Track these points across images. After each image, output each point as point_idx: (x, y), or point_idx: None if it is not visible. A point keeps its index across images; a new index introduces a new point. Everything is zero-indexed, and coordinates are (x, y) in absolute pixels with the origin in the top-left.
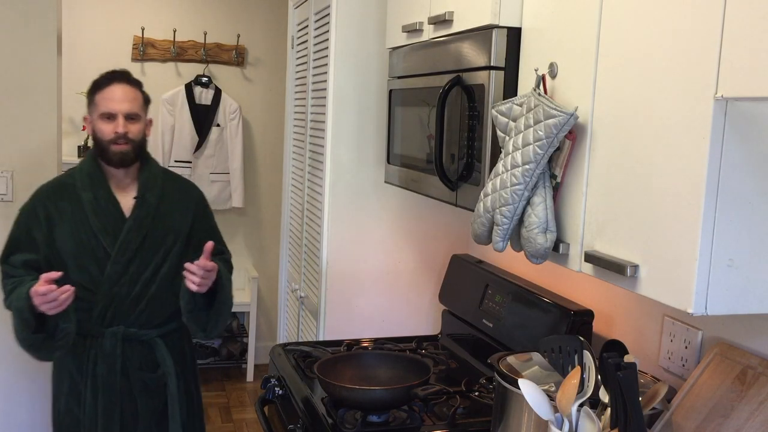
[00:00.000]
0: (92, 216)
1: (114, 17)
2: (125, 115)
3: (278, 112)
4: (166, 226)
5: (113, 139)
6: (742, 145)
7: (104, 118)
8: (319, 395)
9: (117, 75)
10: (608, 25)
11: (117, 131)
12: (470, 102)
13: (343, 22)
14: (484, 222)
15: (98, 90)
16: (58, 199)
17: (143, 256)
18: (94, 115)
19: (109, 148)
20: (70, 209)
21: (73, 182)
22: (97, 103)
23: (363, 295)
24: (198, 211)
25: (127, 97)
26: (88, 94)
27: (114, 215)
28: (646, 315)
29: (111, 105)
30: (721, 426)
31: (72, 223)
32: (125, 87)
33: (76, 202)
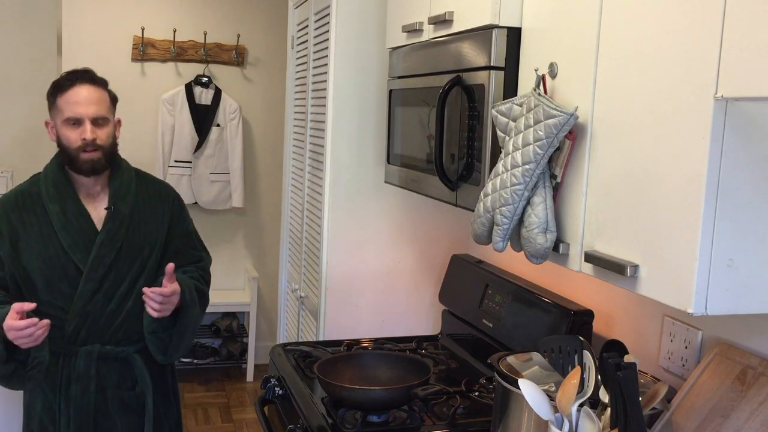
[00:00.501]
0: (61, 231)
1: (114, 17)
2: (92, 119)
3: (278, 112)
4: (141, 237)
5: (81, 147)
6: (742, 145)
7: (69, 123)
8: (319, 395)
9: (80, 75)
10: (608, 25)
11: (84, 138)
12: (470, 102)
13: (343, 22)
14: (484, 222)
15: (60, 92)
16: (23, 211)
17: (118, 270)
18: (58, 120)
19: (77, 157)
20: (36, 222)
21: (38, 191)
22: (60, 108)
23: (363, 295)
24: (174, 215)
25: (93, 99)
26: (49, 97)
27: (84, 229)
28: (646, 315)
29: (76, 109)
30: (721, 426)
31: (39, 237)
32: (90, 88)
33: (42, 214)
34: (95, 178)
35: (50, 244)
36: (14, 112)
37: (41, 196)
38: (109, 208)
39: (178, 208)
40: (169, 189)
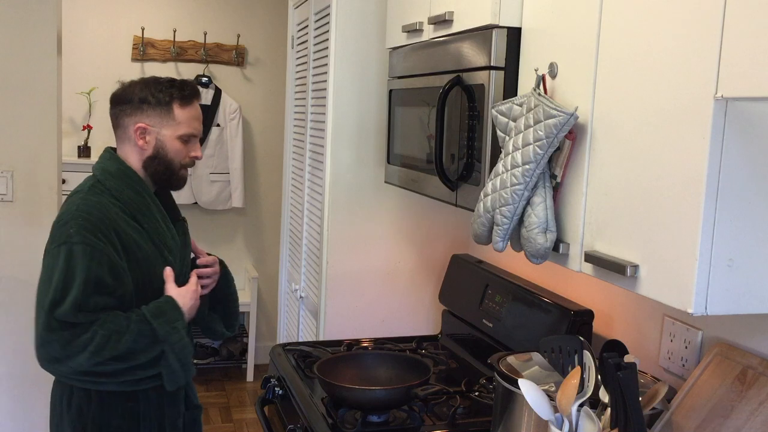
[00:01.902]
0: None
1: (114, 17)
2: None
3: (278, 112)
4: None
5: (188, 164)
6: (742, 145)
7: (183, 138)
8: (319, 395)
9: (198, 91)
10: (608, 25)
11: (197, 156)
12: (470, 102)
13: (343, 22)
14: (484, 222)
15: (183, 103)
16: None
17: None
18: (169, 131)
19: (177, 173)
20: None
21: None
22: (179, 119)
23: (363, 295)
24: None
25: (201, 118)
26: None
27: (176, 242)
28: (646, 315)
29: (197, 126)
30: (721, 426)
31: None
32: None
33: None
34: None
35: (156, 261)
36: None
37: (128, 209)
38: (184, 219)
39: None
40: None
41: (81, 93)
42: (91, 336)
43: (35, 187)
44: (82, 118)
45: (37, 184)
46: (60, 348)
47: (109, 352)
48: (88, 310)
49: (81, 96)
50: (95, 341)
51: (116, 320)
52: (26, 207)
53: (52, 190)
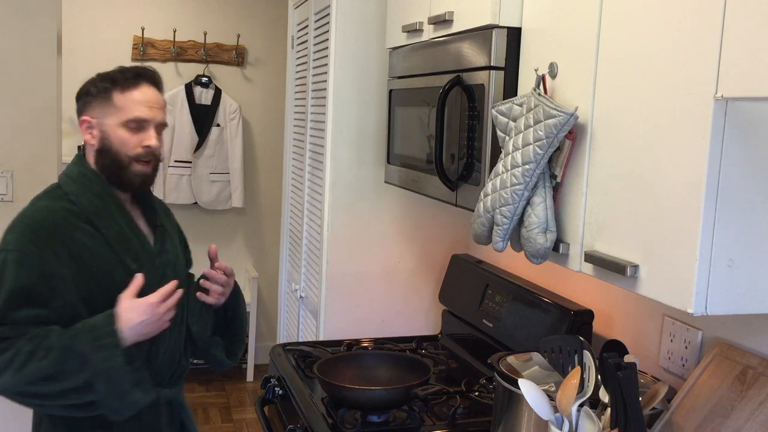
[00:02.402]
0: (124, 253)
1: (114, 17)
2: (157, 125)
3: (278, 112)
4: (179, 258)
5: (140, 155)
6: (742, 145)
7: (130, 126)
8: (319, 395)
9: (147, 74)
10: (608, 25)
11: (149, 144)
12: (470, 102)
13: (343, 22)
14: (484, 222)
15: (121, 88)
16: (73, 230)
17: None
18: (111, 120)
19: (128, 167)
20: (91, 243)
21: (73, 207)
22: (119, 105)
23: (363, 295)
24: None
25: (160, 104)
26: (98, 90)
27: (145, 249)
28: (646, 315)
29: (144, 110)
30: (721, 426)
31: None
32: (156, 91)
33: (94, 233)
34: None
35: (114, 268)
36: (14, 111)
37: (85, 213)
38: (162, 225)
39: (176, 221)
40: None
41: None
42: (15, 352)
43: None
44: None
45: (37, 184)
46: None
47: (33, 372)
48: (15, 323)
49: None
50: (19, 358)
51: (46, 336)
52: None
53: None
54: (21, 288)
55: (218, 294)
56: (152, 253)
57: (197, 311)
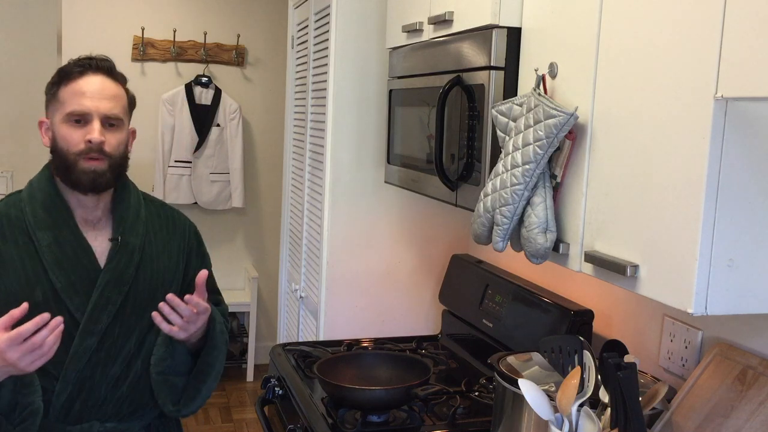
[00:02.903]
0: (53, 267)
1: (114, 17)
2: (102, 117)
3: (278, 112)
4: (153, 278)
5: (83, 151)
6: (742, 145)
7: (71, 120)
8: (319, 395)
9: (95, 62)
10: (608, 26)
11: (90, 139)
12: (470, 102)
13: (343, 22)
14: (484, 222)
15: (66, 81)
16: (2, 241)
17: (124, 321)
18: (56, 116)
19: (75, 165)
20: (18, 256)
21: (19, 214)
22: (62, 99)
23: (363, 295)
24: (191, 252)
25: (107, 93)
26: (49, 88)
27: (85, 266)
28: (646, 315)
29: (83, 102)
30: (721, 426)
31: (20, 276)
32: (105, 80)
33: (26, 245)
34: (96, 199)
35: (37, 284)
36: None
37: (24, 221)
38: (116, 239)
39: (196, 243)
40: (183, 219)
41: None
42: None
43: None
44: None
45: None
46: None
47: None
48: None
49: None
50: None
51: None
52: None
53: None
54: None
55: (177, 326)
56: (93, 270)
57: (161, 340)
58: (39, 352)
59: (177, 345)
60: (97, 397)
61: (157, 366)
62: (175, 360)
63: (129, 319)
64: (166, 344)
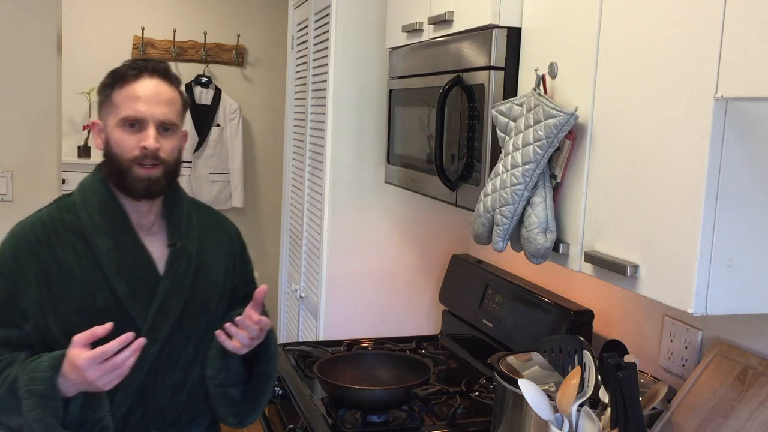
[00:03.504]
0: (114, 274)
1: (114, 17)
2: (158, 123)
3: (278, 112)
4: (208, 285)
5: (138, 158)
6: (742, 145)
7: (125, 125)
8: (319, 395)
9: (150, 65)
10: (608, 26)
11: (145, 146)
12: (470, 102)
13: (343, 22)
14: (484, 222)
15: (120, 84)
16: (56, 246)
17: (184, 327)
18: (110, 120)
19: (129, 171)
20: (77, 262)
21: (74, 220)
22: (116, 103)
23: (363, 295)
24: (237, 256)
25: (163, 98)
26: (102, 89)
27: (146, 272)
28: (646, 315)
29: (138, 107)
30: (721, 426)
31: (81, 283)
32: (161, 83)
33: (85, 251)
34: (149, 204)
35: (98, 291)
36: (14, 111)
37: (81, 227)
38: (174, 245)
39: (240, 248)
40: (229, 223)
41: (81, 93)
42: None
43: (35, 187)
44: (82, 118)
45: (37, 184)
46: None
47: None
48: None
49: (81, 96)
50: None
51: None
52: (26, 207)
53: (52, 190)
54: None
55: (242, 344)
56: (153, 277)
57: (216, 352)
58: (118, 371)
59: (231, 357)
60: (156, 405)
61: (214, 379)
62: (230, 371)
63: (186, 326)
64: (221, 356)
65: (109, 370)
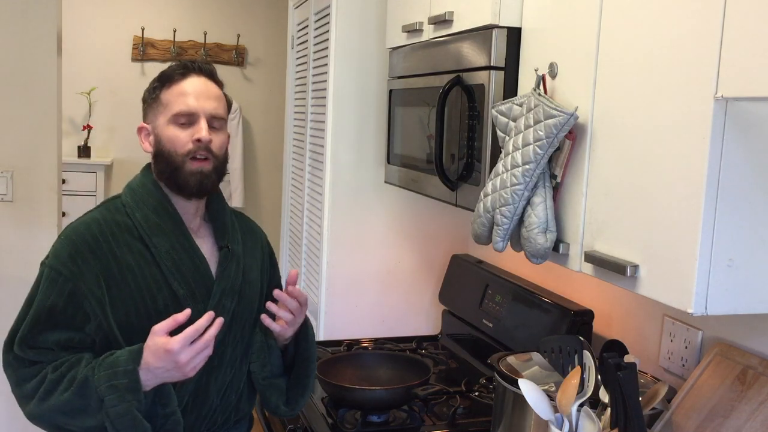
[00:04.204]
0: (174, 274)
1: (114, 17)
2: (209, 116)
3: (278, 112)
4: (252, 287)
5: (191, 151)
6: (742, 145)
7: (178, 121)
8: (319, 395)
9: (197, 66)
10: (608, 25)
11: (199, 138)
12: (470, 102)
13: (343, 22)
14: (484, 222)
15: (168, 83)
16: (116, 247)
17: (233, 330)
18: (160, 119)
19: (183, 166)
20: (135, 263)
21: (129, 221)
22: (165, 102)
23: (363, 295)
24: (268, 260)
25: (211, 94)
26: (149, 93)
27: (201, 273)
28: (646, 315)
29: (188, 102)
30: (721, 426)
31: (141, 283)
32: (207, 81)
33: (141, 252)
34: (196, 205)
35: (158, 292)
36: (14, 111)
37: (136, 228)
38: (226, 247)
39: (269, 252)
40: (259, 228)
41: (81, 93)
42: (41, 379)
43: (35, 187)
44: (82, 118)
45: (37, 184)
46: (14, 389)
47: (56, 403)
48: (43, 347)
49: (81, 96)
50: (44, 386)
51: (74, 364)
52: (26, 207)
53: (52, 190)
54: (48, 309)
55: (286, 322)
56: (208, 278)
57: (258, 346)
58: (206, 352)
59: (273, 348)
60: (209, 406)
61: (261, 372)
62: (273, 363)
63: (236, 327)
64: (264, 350)
65: (199, 350)
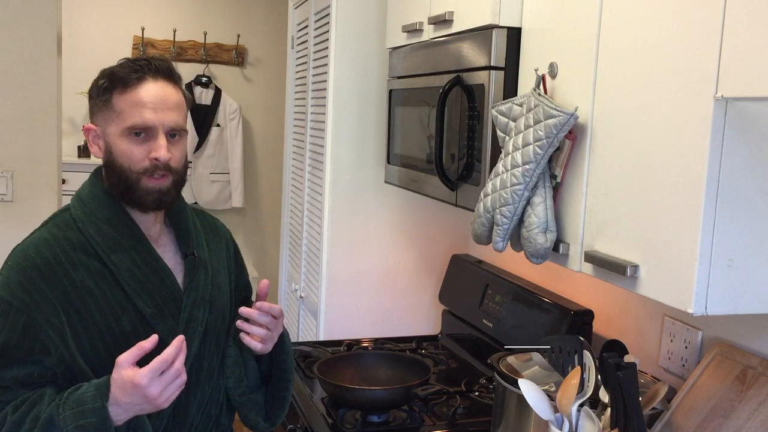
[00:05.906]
0: (139, 293)
1: (114, 17)
2: (168, 130)
3: (278, 112)
4: (221, 292)
5: (148, 169)
6: (742, 145)
7: (132, 134)
8: (319, 395)
9: (153, 66)
10: (608, 26)
11: (157, 157)
12: (470, 102)
13: (343, 22)
14: (484, 222)
15: (122, 87)
16: (71, 268)
17: (207, 342)
18: (112, 128)
19: (138, 184)
20: (94, 284)
21: (81, 236)
22: (119, 109)
23: (363, 295)
24: (233, 258)
25: (171, 103)
26: (98, 92)
27: (167, 287)
28: (646, 315)
29: (145, 115)
30: (721, 426)
31: (103, 305)
32: (166, 87)
33: (99, 270)
34: (155, 213)
35: (122, 313)
36: (14, 111)
37: (91, 244)
38: (192, 255)
39: (234, 251)
40: (222, 225)
41: (81, 93)
42: (1, 421)
43: (35, 187)
44: (82, 118)
45: (37, 184)
46: None
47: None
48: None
49: (81, 96)
50: (4, 429)
51: (35, 402)
52: (26, 207)
53: (52, 190)
54: (2, 345)
55: (262, 338)
56: (176, 291)
57: (233, 360)
58: (178, 381)
59: (248, 362)
60: (190, 423)
61: (237, 388)
62: (249, 377)
63: (211, 337)
64: (239, 364)
65: (170, 381)
